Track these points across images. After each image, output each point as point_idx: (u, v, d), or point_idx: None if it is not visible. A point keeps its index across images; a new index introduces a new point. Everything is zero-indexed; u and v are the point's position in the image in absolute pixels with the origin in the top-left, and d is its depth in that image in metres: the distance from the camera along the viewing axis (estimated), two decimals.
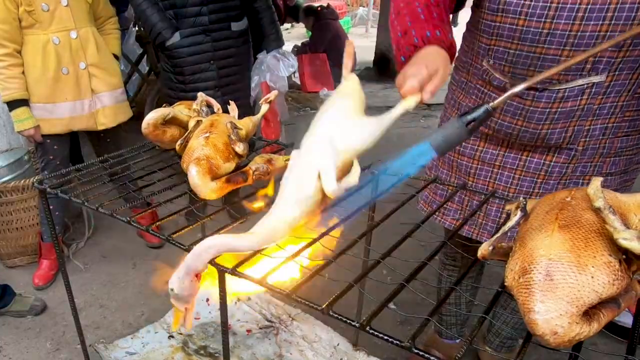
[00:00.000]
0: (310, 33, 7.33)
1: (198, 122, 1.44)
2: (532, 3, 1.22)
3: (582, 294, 0.73)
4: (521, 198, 0.93)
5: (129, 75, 5.29)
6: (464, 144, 1.57)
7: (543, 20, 1.22)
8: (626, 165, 1.47)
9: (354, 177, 1.02)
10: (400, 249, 1.05)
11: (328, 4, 7.54)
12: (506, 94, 1.00)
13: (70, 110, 2.62)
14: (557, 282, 0.74)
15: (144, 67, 5.30)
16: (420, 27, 1.21)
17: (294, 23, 7.35)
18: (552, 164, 1.44)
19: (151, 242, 3.24)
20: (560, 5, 1.19)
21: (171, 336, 2.23)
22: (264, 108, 1.58)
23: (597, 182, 0.78)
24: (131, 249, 3.25)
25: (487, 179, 1.56)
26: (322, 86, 6.62)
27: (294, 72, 7.00)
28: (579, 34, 1.20)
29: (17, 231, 2.98)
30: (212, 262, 1.06)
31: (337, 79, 6.71)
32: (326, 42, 6.78)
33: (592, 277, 0.73)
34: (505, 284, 0.83)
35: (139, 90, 5.21)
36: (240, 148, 1.34)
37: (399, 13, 1.28)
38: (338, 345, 2.10)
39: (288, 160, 1.46)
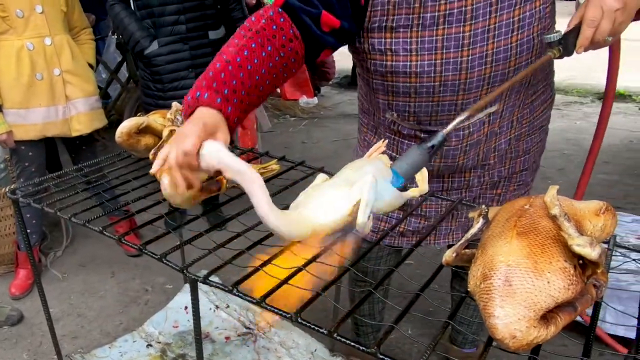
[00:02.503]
0: None
1: (172, 132, 1.44)
2: (419, 63, 1.27)
3: (539, 298, 0.75)
4: (483, 206, 0.95)
5: (108, 82, 5.26)
6: None
7: (433, 75, 1.29)
8: (535, 156, 1.62)
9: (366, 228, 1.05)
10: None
11: None
12: (454, 122, 1.07)
13: (43, 116, 2.61)
14: (516, 288, 0.76)
15: (124, 75, 5.28)
16: (200, 85, 1.12)
17: None
18: (471, 178, 1.55)
19: (130, 251, 3.22)
20: (444, 61, 1.26)
21: (149, 345, 2.23)
22: None
23: (553, 190, 0.81)
24: (110, 258, 3.23)
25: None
26: (301, 94, 6.61)
27: None
28: (467, 80, 1.29)
29: None
30: (187, 268, 1.07)
31: (316, 87, 6.77)
32: None
33: (548, 282, 0.76)
34: (468, 289, 0.86)
35: (118, 98, 5.19)
36: None
37: (212, 62, 1.19)
38: (315, 350, 2.11)
39: (262, 168, 1.49)
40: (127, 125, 1.49)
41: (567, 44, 1.12)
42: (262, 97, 1.22)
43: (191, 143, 1.00)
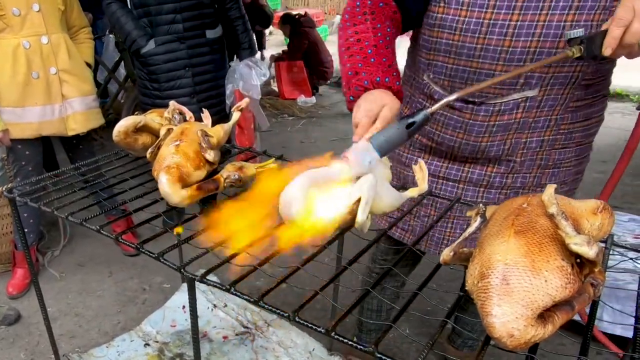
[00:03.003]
0: (288, 40, 7.36)
1: (169, 130, 1.44)
2: (467, 19, 1.28)
3: (536, 297, 0.75)
4: (481, 205, 0.95)
5: (106, 81, 5.25)
6: (409, 155, 1.63)
7: (477, 36, 1.28)
8: (566, 177, 1.53)
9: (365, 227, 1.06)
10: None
11: (305, 12, 7.57)
12: (442, 101, 1.06)
13: (40, 115, 2.60)
14: (513, 286, 0.76)
15: (122, 74, 5.26)
16: (370, 72, 1.28)
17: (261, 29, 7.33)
18: (492, 174, 1.50)
19: (127, 250, 3.22)
20: (492, 21, 1.25)
21: (147, 344, 2.23)
22: (236, 116, 1.59)
23: (551, 189, 0.81)
24: (108, 257, 3.22)
25: (432, 190, 1.58)
26: (299, 93, 6.64)
27: (273, 79, 7.03)
28: (510, 49, 1.27)
29: None
30: (184, 267, 1.07)
31: (314, 86, 6.78)
32: (303, 50, 6.81)
33: (546, 280, 0.76)
34: (466, 288, 0.86)
35: (116, 97, 5.17)
36: (210, 156, 1.35)
37: (349, 49, 1.34)
38: (314, 350, 2.11)
39: (259, 167, 1.49)
40: (124, 124, 1.49)
41: (593, 46, 1.06)
42: None
43: (391, 116, 1.17)
